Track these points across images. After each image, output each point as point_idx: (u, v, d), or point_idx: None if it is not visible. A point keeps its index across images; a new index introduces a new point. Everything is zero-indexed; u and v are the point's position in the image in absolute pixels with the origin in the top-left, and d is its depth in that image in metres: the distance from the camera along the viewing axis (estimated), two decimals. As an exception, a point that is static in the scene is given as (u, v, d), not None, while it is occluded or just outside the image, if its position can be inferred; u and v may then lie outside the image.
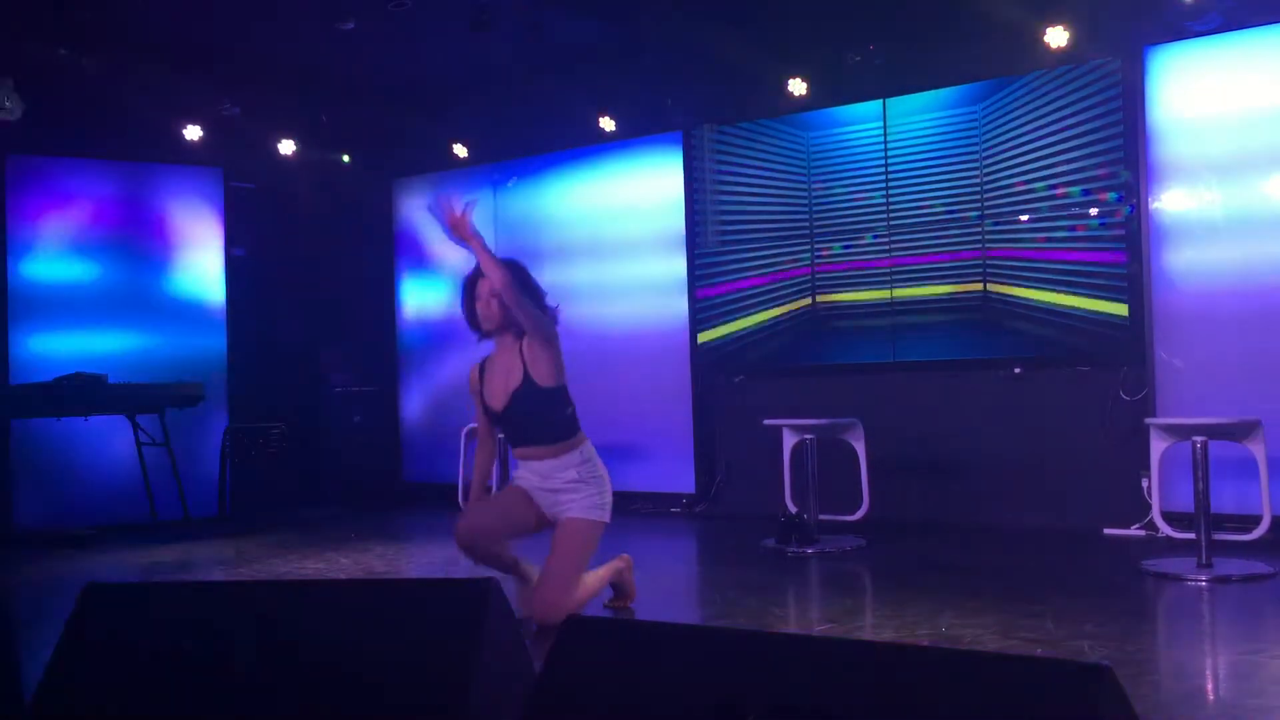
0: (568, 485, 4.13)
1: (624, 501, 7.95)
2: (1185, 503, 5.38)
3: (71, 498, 7.56)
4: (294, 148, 8.56)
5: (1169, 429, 5.24)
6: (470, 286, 4.22)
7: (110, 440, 7.64)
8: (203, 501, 7.84)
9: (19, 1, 5.88)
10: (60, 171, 7.79)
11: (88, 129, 7.75)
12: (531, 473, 4.20)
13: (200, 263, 8.27)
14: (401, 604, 2.25)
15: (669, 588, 5.45)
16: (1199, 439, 5.00)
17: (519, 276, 4.16)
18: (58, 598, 5.40)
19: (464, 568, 6.02)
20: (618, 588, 4.51)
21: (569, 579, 4.05)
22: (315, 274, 9.16)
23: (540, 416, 4.14)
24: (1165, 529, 5.45)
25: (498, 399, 4.18)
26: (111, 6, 6.40)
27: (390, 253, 9.42)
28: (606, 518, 4.19)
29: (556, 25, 6.42)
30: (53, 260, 7.71)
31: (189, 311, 8.19)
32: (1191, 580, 4.87)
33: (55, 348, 7.62)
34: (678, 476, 7.85)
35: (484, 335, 4.27)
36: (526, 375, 4.12)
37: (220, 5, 6.46)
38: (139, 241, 8.04)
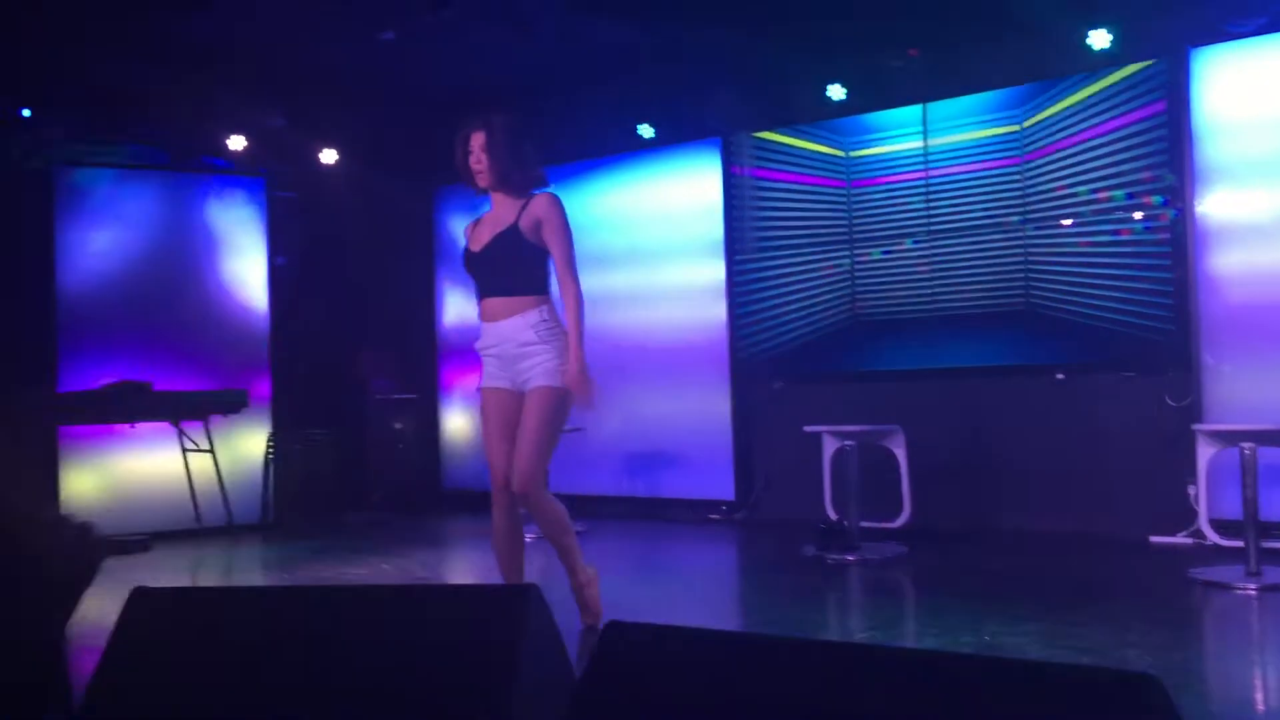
0: (526, 348, 4.05)
1: (662, 508, 8.01)
2: (1233, 510, 5.30)
3: (118, 504, 7.65)
4: (336, 157, 8.64)
5: (1216, 435, 5.17)
6: (464, 141, 4.23)
7: (155, 447, 7.73)
8: (246, 507, 7.91)
9: (68, 16, 5.98)
10: (107, 182, 7.91)
11: (135, 141, 7.87)
12: (493, 338, 4.12)
13: (244, 271, 8.36)
14: (442, 609, 2.26)
15: (709, 594, 5.44)
16: (1247, 445, 4.92)
17: (511, 132, 4.17)
18: (105, 602, 5.47)
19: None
20: (579, 601, 4.27)
21: (535, 447, 3.99)
22: (357, 281, 9.24)
23: (512, 263, 4.10)
24: (1213, 536, 5.37)
25: (479, 243, 4.16)
26: (157, 20, 6.48)
27: (431, 260, 9.49)
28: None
29: (595, 33, 6.44)
30: (100, 269, 7.82)
31: (233, 319, 8.27)
32: (1240, 589, 4.79)
33: (102, 355, 7.73)
34: (717, 483, 7.84)
35: (480, 190, 4.27)
36: (515, 224, 4.10)
37: (264, 18, 6.54)
38: (184, 251, 8.14)
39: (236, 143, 8.09)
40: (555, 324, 4.11)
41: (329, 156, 8.61)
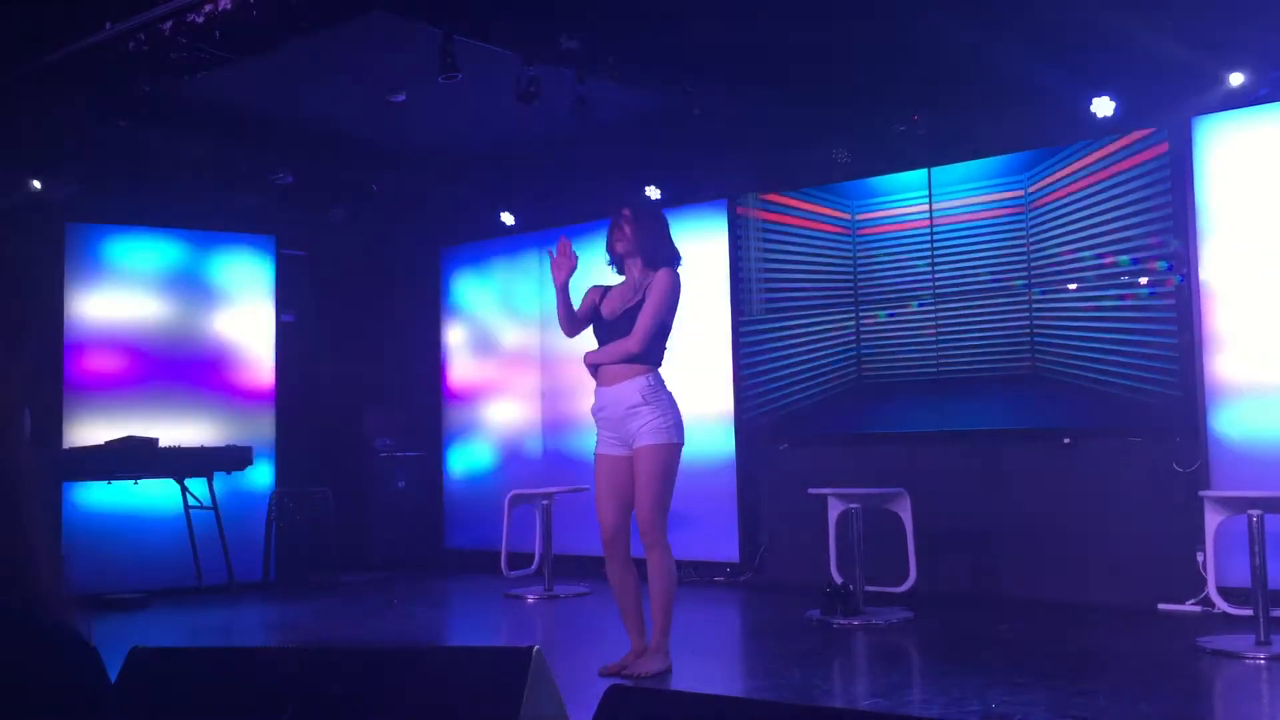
0: (635, 410, 4.52)
1: (667, 570, 7.94)
2: (1242, 578, 5.25)
3: (119, 561, 7.61)
4: (344, 215, 8.71)
5: (1224, 502, 5.14)
6: (614, 219, 4.83)
7: (159, 503, 7.71)
8: (247, 565, 7.87)
9: (79, 74, 6.07)
10: (118, 240, 7.98)
11: (146, 199, 7.94)
12: (604, 400, 4.61)
13: (251, 328, 8.40)
14: (442, 671, 2.24)
15: (712, 658, 5.38)
16: (1255, 512, 4.90)
17: (652, 214, 4.86)
18: (104, 661, 5.43)
19: (505, 635, 6.00)
20: (637, 655, 4.66)
21: (652, 497, 4.50)
22: (362, 339, 9.27)
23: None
24: (1221, 605, 5.32)
25: (612, 310, 4.70)
26: (168, 79, 6.58)
27: (437, 319, 9.51)
28: (676, 439, 4.56)
29: (603, 96, 6.52)
30: (108, 326, 7.86)
31: (239, 376, 8.30)
32: (1249, 658, 4.73)
33: (108, 411, 7.74)
34: (721, 545, 7.79)
35: (618, 264, 4.82)
36: (642, 301, 4.63)
37: (275, 78, 6.63)
38: (192, 308, 8.19)
39: (247, 202, 8.16)
40: (660, 388, 4.59)
41: (338, 215, 8.68)
